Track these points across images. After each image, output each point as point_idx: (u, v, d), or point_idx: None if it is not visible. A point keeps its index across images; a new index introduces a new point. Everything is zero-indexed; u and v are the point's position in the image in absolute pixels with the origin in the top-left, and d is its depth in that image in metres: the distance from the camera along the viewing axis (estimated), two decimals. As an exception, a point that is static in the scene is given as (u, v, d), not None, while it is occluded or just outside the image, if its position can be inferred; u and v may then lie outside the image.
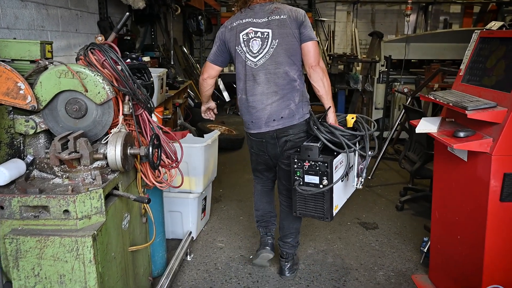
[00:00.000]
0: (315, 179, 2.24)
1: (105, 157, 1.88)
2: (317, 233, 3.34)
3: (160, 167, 2.24)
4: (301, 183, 2.27)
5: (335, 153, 2.27)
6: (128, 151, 1.95)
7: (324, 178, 2.21)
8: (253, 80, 2.37)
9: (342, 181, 2.33)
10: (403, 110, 4.30)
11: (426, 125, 2.23)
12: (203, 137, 3.54)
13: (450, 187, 2.32)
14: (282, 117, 2.35)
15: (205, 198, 3.32)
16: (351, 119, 2.45)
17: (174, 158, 2.33)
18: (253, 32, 2.34)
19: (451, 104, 2.04)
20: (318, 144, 2.22)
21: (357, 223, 3.52)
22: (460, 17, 10.05)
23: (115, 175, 1.92)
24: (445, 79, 5.15)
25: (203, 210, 3.30)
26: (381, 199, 4.01)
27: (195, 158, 2.98)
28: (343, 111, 5.85)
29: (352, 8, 9.87)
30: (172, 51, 6.31)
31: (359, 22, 10.08)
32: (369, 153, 2.42)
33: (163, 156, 2.29)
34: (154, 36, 6.81)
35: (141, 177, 2.16)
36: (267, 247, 2.69)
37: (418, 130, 2.23)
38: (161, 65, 6.07)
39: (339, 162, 2.30)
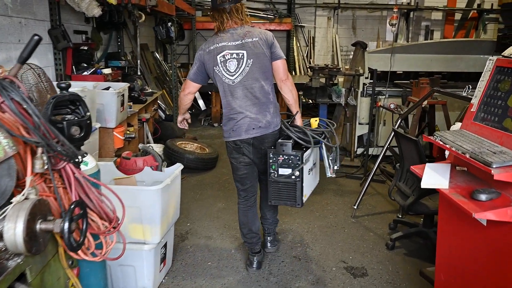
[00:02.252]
0: (288, 171, 2.62)
1: (1, 238, 1.33)
2: (299, 283, 2.84)
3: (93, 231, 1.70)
4: (276, 175, 2.66)
5: (304, 149, 2.68)
6: (38, 226, 1.41)
7: (296, 170, 2.61)
8: (231, 96, 2.68)
9: (309, 174, 2.77)
10: (392, 134, 3.84)
11: (434, 177, 1.75)
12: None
13: (461, 250, 1.85)
14: (260, 127, 2.67)
15: (165, 245, 2.78)
16: (314, 121, 2.87)
17: (111, 220, 1.79)
18: (229, 54, 2.63)
19: (468, 156, 1.56)
20: (291, 141, 2.62)
21: (343, 267, 3.03)
22: (442, 24, 9.74)
23: (19, 260, 1.37)
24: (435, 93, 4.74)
25: (162, 259, 2.76)
26: (369, 234, 3.53)
27: (150, 203, 2.43)
28: (325, 127, 5.36)
29: (332, 13, 9.44)
30: (139, 61, 5.72)
31: (340, 28, 9.66)
32: (335, 145, 2.90)
33: (96, 218, 1.74)
34: (121, 43, 6.21)
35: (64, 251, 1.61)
36: (253, 266, 2.98)
37: (425, 184, 1.74)
38: (126, 76, 5.48)
39: (308, 156, 2.72)
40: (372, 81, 5.42)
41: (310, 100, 5.32)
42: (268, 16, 8.95)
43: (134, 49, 6.52)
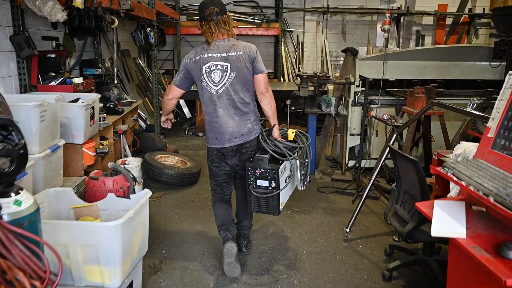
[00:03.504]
0: (265, 183, 2.79)
1: None
2: (284, 325, 2.48)
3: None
4: (254, 187, 2.82)
5: (280, 161, 2.83)
6: None
7: (273, 181, 2.77)
8: (215, 105, 2.79)
9: (286, 182, 2.88)
10: (388, 150, 3.51)
11: (447, 222, 1.41)
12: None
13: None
14: (242, 134, 2.83)
15: (130, 285, 2.40)
16: (291, 133, 2.99)
17: (42, 278, 1.41)
18: (214, 65, 2.75)
19: (492, 200, 1.22)
20: (267, 156, 2.77)
21: (335, 304, 2.68)
22: (433, 28, 9.50)
23: None
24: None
25: (127, 303, 2.38)
26: (363, 261, 3.18)
27: (108, 241, 2.05)
28: (314, 137, 5.03)
29: (321, 18, 9.14)
30: (116, 68, 5.33)
31: (329, 33, 9.36)
32: (306, 160, 2.99)
33: (22, 277, 1.37)
34: (98, 50, 5.82)
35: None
36: (230, 241, 2.98)
37: (437, 232, 1.40)
38: (102, 84, 5.09)
39: (283, 168, 2.85)
40: (363, 89, 5.12)
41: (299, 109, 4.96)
42: (256, 20, 8.62)
43: (112, 56, 6.14)
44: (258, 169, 2.77)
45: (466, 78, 5.32)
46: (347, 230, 3.53)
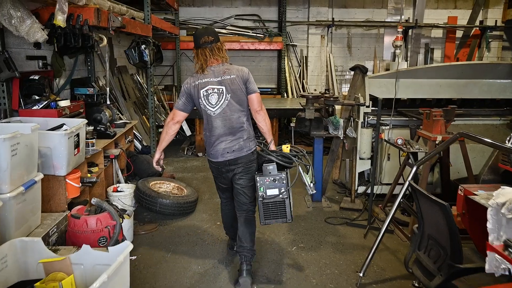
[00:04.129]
0: (275, 191, 2.91)
1: None
2: None
3: None
4: (265, 197, 2.92)
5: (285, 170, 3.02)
6: None
7: (282, 188, 2.91)
8: (212, 124, 3.01)
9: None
10: (407, 186, 3.11)
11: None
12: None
13: None
14: (233, 150, 3.01)
15: None
16: (286, 147, 3.12)
17: None
18: (211, 89, 2.96)
19: None
20: (274, 164, 2.94)
21: None
22: (442, 42, 9.16)
23: None
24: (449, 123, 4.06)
25: None
26: (380, 313, 2.78)
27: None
28: (321, 161, 4.65)
29: (326, 31, 8.82)
30: (108, 88, 4.99)
31: (334, 47, 9.04)
32: (309, 165, 3.10)
33: None
34: (91, 68, 5.50)
35: None
36: (243, 274, 3.07)
37: None
38: (94, 105, 4.75)
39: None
40: (374, 109, 4.75)
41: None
42: (258, 35, 8.31)
43: (105, 74, 5.81)
44: (267, 178, 2.92)
45: (485, 97, 4.94)
46: (361, 274, 3.12)
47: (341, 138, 4.58)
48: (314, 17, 8.70)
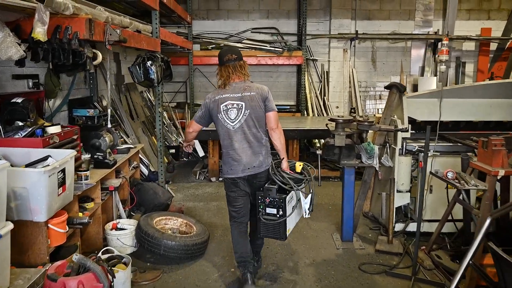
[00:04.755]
0: (273, 211, 3.05)
1: None
2: None
3: None
4: (264, 214, 3.07)
5: (287, 191, 3.08)
6: None
7: (280, 209, 3.02)
8: (231, 139, 3.08)
9: (292, 211, 3.12)
10: (480, 241, 2.39)
11: None
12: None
13: None
14: (254, 166, 3.08)
15: None
16: (299, 165, 3.25)
17: None
18: (231, 104, 3.05)
19: None
20: (276, 186, 3.05)
21: None
22: (475, 55, 8.39)
23: None
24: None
25: None
26: None
27: None
28: (352, 195, 3.96)
29: (349, 45, 8.17)
30: (110, 109, 4.41)
31: (357, 61, 8.37)
32: (311, 191, 3.20)
33: None
34: (93, 86, 4.95)
35: None
36: (249, 282, 3.16)
37: None
38: (93, 129, 4.18)
39: (290, 198, 3.11)
40: (412, 132, 4.07)
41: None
42: (276, 49, 7.70)
43: (113, 93, 5.26)
44: (267, 198, 3.03)
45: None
46: None
47: (377, 169, 3.88)
48: (336, 30, 8.07)
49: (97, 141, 4.02)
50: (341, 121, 3.69)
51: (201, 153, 7.27)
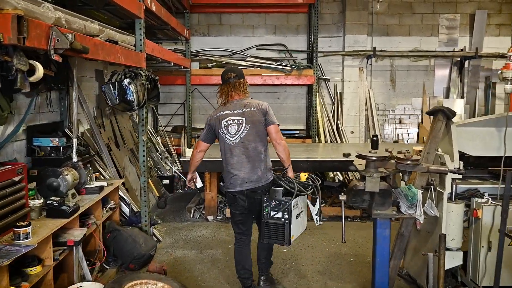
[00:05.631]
0: (278, 214, 3.01)
1: None
2: None
3: None
4: (268, 217, 3.03)
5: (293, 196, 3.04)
6: None
7: (285, 213, 3.00)
8: (230, 153, 3.14)
9: (297, 219, 3.11)
10: None
11: None
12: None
13: None
14: (252, 181, 3.10)
15: None
16: (303, 175, 3.25)
17: None
18: (231, 120, 3.13)
19: None
20: (282, 188, 3.05)
21: None
22: (506, 74, 7.43)
23: None
24: None
25: None
26: None
27: None
28: (387, 254, 2.94)
29: (365, 63, 7.26)
30: (75, 140, 3.49)
31: (374, 82, 7.45)
32: (317, 195, 3.19)
33: None
34: (64, 109, 4.06)
35: None
36: None
37: None
38: (52, 164, 3.25)
39: (295, 203, 3.07)
40: (464, 170, 3.08)
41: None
42: (284, 67, 6.81)
43: (89, 117, 4.36)
44: (273, 201, 3.02)
45: None
46: None
47: (421, 221, 2.88)
48: (350, 47, 7.18)
49: (54, 181, 3.09)
50: (374, 158, 2.72)
51: (199, 184, 6.30)
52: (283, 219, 2.99)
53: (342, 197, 3.00)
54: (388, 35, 7.35)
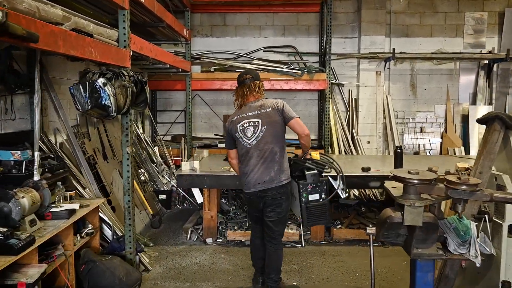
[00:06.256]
0: (316, 196, 3.21)
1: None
2: None
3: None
4: (307, 202, 3.19)
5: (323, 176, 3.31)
6: None
7: (323, 193, 3.22)
8: (247, 155, 3.16)
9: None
10: None
11: None
12: None
13: None
14: (264, 181, 3.10)
15: None
16: (315, 154, 3.43)
17: None
18: (247, 123, 3.14)
19: None
20: (316, 171, 3.22)
21: None
22: (540, 79, 6.68)
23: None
24: None
25: None
26: None
27: None
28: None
29: (383, 67, 6.56)
30: (38, 153, 2.84)
31: (393, 87, 6.74)
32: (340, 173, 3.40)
33: None
34: (33, 115, 3.42)
35: None
36: (259, 284, 3.48)
37: None
38: (17, 180, 2.61)
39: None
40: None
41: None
42: (294, 71, 6.14)
43: (66, 126, 3.72)
44: (309, 185, 3.17)
45: None
46: None
47: (478, 264, 2.16)
48: (366, 49, 6.49)
49: (4, 206, 2.43)
50: (416, 182, 2.01)
51: (199, 199, 5.65)
52: (321, 200, 3.20)
53: (370, 230, 2.29)
54: (408, 36, 6.64)
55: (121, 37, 3.31)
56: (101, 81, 2.73)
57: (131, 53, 3.42)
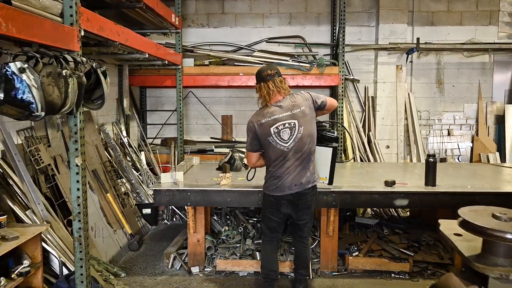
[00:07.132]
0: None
1: None
2: None
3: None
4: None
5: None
6: None
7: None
8: (283, 158, 2.90)
9: None
10: None
11: None
12: None
13: None
14: (301, 183, 2.92)
15: None
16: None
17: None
18: (282, 125, 2.88)
19: None
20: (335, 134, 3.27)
21: None
22: None
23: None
24: None
25: None
26: None
27: None
28: None
29: (404, 60, 5.60)
30: None
31: (416, 83, 5.78)
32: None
33: None
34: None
35: None
36: None
37: None
38: None
39: None
40: None
41: None
42: (302, 64, 5.22)
43: (3, 132, 2.87)
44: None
45: None
46: None
47: None
48: (385, 39, 5.54)
49: None
50: (510, 237, 1.08)
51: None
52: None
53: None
54: (434, 24, 5.68)
55: (66, 11, 2.43)
56: (14, 65, 1.85)
57: (82, 34, 2.54)
